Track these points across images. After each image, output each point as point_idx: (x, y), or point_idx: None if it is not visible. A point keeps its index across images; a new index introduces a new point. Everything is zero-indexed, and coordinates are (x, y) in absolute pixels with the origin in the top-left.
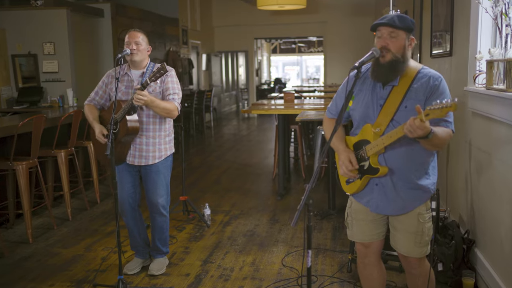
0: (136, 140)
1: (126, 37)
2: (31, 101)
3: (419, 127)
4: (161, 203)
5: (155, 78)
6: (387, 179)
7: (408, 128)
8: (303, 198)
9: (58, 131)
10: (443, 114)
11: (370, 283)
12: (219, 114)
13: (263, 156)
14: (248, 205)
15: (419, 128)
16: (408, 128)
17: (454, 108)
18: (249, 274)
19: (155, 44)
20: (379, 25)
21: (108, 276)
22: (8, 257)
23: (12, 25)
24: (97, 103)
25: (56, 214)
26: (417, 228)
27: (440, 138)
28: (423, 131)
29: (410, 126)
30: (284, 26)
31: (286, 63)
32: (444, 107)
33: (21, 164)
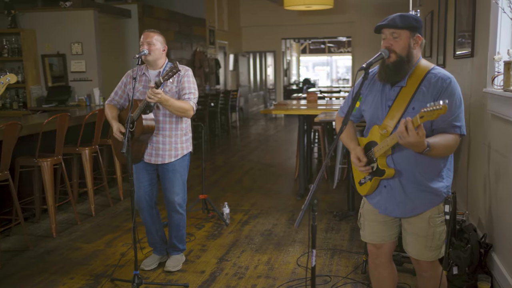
0: (153, 139)
1: (141, 38)
2: (60, 100)
3: (410, 130)
4: (178, 201)
5: (168, 77)
6: (396, 181)
7: (398, 133)
8: (308, 198)
9: (82, 129)
10: (435, 116)
11: (380, 283)
12: (246, 114)
13: (287, 157)
14: (268, 205)
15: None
16: (398, 133)
17: (444, 111)
18: (263, 273)
19: (182, 44)
20: (381, 26)
21: (125, 271)
22: (32, 250)
23: (42, 26)
24: (116, 103)
25: (80, 210)
26: (427, 232)
27: (442, 148)
28: (414, 139)
29: (399, 131)
30: (312, 26)
31: (316, 64)
32: (435, 110)
33: (46, 161)
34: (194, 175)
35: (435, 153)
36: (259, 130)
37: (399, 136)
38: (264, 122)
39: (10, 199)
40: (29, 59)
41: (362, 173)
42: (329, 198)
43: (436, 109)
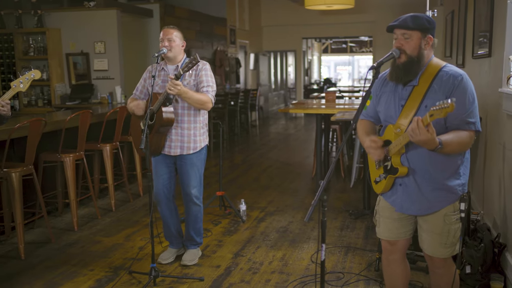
0: (172, 131)
1: (160, 34)
2: (83, 97)
3: (420, 128)
4: (194, 193)
5: (188, 69)
6: (410, 179)
7: (409, 132)
8: (317, 194)
9: (104, 126)
10: (443, 114)
11: (393, 280)
12: (266, 113)
13: (305, 156)
14: (284, 203)
15: (420, 129)
16: (409, 132)
17: (451, 109)
18: (278, 268)
19: (203, 44)
20: (393, 27)
21: (143, 264)
22: (55, 243)
23: (66, 25)
24: (138, 97)
25: (100, 205)
26: (442, 229)
27: (455, 145)
28: (424, 136)
29: (411, 129)
30: (333, 26)
31: (338, 63)
32: (443, 108)
33: (68, 157)
34: (212, 172)
35: (448, 150)
36: (278, 129)
37: (410, 134)
38: (284, 121)
39: (34, 193)
40: (54, 58)
41: (377, 170)
42: (346, 197)
43: (444, 107)
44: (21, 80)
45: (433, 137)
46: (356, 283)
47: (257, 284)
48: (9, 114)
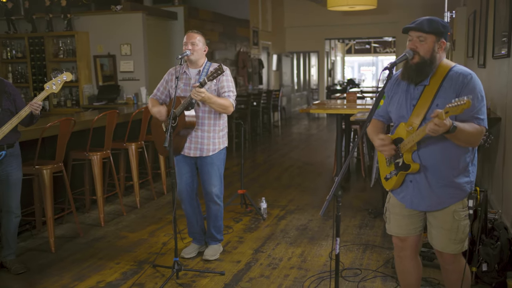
0: (193, 133)
1: (184, 38)
2: (109, 98)
3: (439, 124)
4: (215, 193)
5: (213, 78)
6: (421, 176)
7: (430, 130)
8: (332, 189)
9: (129, 126)
10: (459, 111)
11: (406, 276)
12: (289, 114)
13: (327, 155)
14: (304, 201)
15: (439, 125)
16: (430, 130)
17: (467, 105)
18: (296, 264)
19: (226, 45)
20: (409, 29)
21: (167, 259)
22: (83, 238)
23: (94, 28)
24: (158, 98)
25: (126, 202)
26: (452, 225)
27: (467, 132)
28: (444, 128)
29: (430, 128)
30: (355, 27)
31: (361, 64)
32: (459, 105)
33: (95, 155)
34: (234, 172)
35: (459, 136)
36: (300, 130)
37: (431, 131)
38: (307, 121)
39: (62, 189)
40: (82, 60)
41: (388, 167)
42: (366, 196)
43: (461, 104)
44: (54, 82)
45: (449, 123)
46: (373, 280)
47: (276, 279)
48: (39, 114)
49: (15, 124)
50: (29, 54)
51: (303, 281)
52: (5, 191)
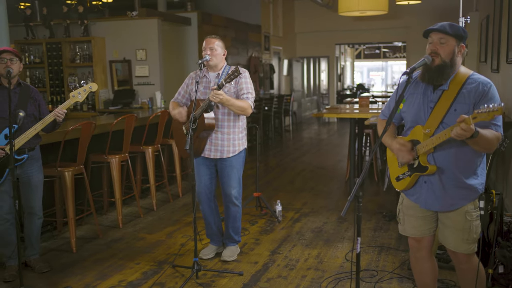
0: (212, 135)
1: (203, 43)
2: (125, 102)
3: (465, 129)
4: (234, 194)
5: (230, 80)
6: (436, 177)
7: (455, 134)
8: (353, 191)
9: (146, 129)
10: (490, 117)
11: (422, 276)
12: (300, 119)
13: (338, 160)
14: (318, 205)
15: (465, 130)
16: (456, 134)
17: (500, 112)
18: (313, 266)
19: (238, 50)
20: (431, 31)
21: (185, 259)
22: (102, 239)
23: (110, 34)
24: (179, 101)
25: (142, 204)
26: (464, 225)
27: (486, 138)
28: (469, 133)
29: (457, 133)
30: (366, 32)
31: (371, 69)
32: (491, 111)
33: (114, 158)
34: (248, 175)
35: (479, 142)
36: (311, 134)
37: (457, 136)
38: (317, 126)
39: (81, 191)
40: (98, 65)
41: (400, 168)
42: (379, 200)
43: (492, 110)
44: (79, 92)
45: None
46: (390, 281)
47: (294, 280)
48: (62, 121)
49: (39, 129)
50: (47, 59)
51: (320, 281)
52: (27, 193)
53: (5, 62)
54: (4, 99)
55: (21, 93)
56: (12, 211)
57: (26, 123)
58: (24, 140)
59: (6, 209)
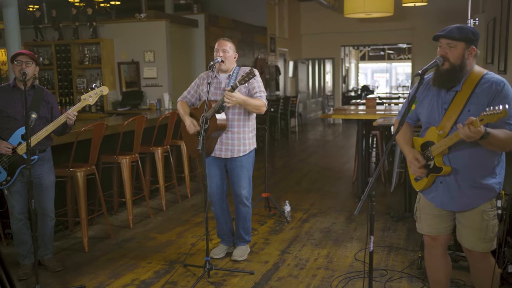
0: (223, 135)
1: (216, 45)
2: (133, 104)
3: (474, 132)
4: (244, 195)
5: (244, 82)
6: (451, 177)
7: (464, 135)
8: (367, 190)
9: (156, 130)
10: (495, 119)
11: (435, 273)
12: (305, 120)
13: (344, 161)
14: (326, 205)
15: (474, 133)
16: (464, 136)
17: (504, 114)
18: (323, 265)
19: (244, 52)
20: (439, 36)
21: (196, 258)
22: (113, 238)
23: (119, 36)
24: (188, 101)
25: (151, 205)
26: (481, 225)
27: (499, 138)
28: (478, 135)
29: (465, 135)
30: (371, 33)
31: (375, 70)
32: (495, 113)
33: (125, 158)
34: (255, 176)
35: (492, 142)
36: (317, 136)
37: (465, 137)
38: (322, 127)
39: (92, 192)
40: (107, 66)
41: (416, 174)
42: (387, 201)
43: (497, 112)
44: (91, 95)
45: (482, 130)
46: (399, 280)
47: (305, 279)
48: (73, 125)
49: (50, 131)
50: (56, 61)
51: (331, 280)
52: (39, 194)
53: (20, 65)
54: (18, 101)
55: (35, 95)
56: (24, 211)
57: (38, 125)
58: (35, 141)
59: (18, 209)
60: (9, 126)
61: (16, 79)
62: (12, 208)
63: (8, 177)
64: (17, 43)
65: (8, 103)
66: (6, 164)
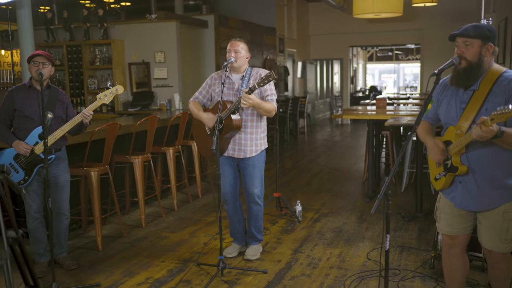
0: (236, 135)
1: (228, 45)
2: (143, 104)
3: (485, 131)
4: (257, 194)
5: (263, 84)
6: (470, 177)
7: (475, 135)
8: (383, 189)
9: (168, 130)
10: (504, 118)
11: (453, 273)
12: (313, 121)
13: (354, 162)
14: (337, 205)
15: (485, 132)
16: (475, 135)
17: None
18: (335, 264)
19: (253, 52)
20: (455, 35)
21: (209, 257)
22: (126, 237)
23: (130, 36)
24: (200, 101)
25: (163, 205)
26: (502, 225)
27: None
28: (490, 134)
29: (476, 134)
30: (380, 34)
31: (382, 71)
32: (504, 113)
33: (137, 158)
34: (266, 176)
35: (507, 141)
36: (325, 136)
37: (477, 137)
38: (330, 128)
39: (105, 191)
40: (118, 67)
41: (437, 168)
42: (397, 201)
43: (505, 112)
44: (106, 94)
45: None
46: (412, 279)
47: (318, 278)
48: (88, 124)
49: (67, 130)
50: (67, 62)
51: (343, 280)
52: (54, 193)
53: (37, 66)
54: (34, 101)
55: (50, 95)
56: (40, 210)
57: (54, 125)
58: (51, 141)
59: (35, 208)
60: (25, 126)
61: (32, 79)
62: (28, 207)
63: (25, 176)
64: (30, 44)
65: (24, 103)
66: (23, 164)
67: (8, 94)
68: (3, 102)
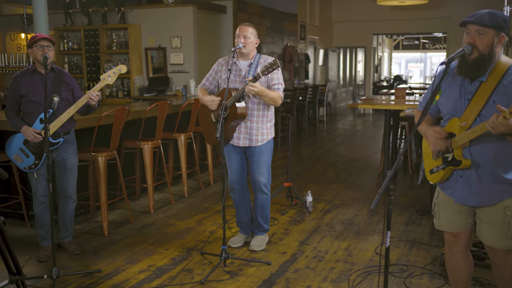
0: (242, 124)
1: (237, 30)
2: (159, 90)
3: (501, 123)
4: (263, 182)
5: (268, 72)
6: (472, 172)
7: (490, 124)
8: (384, 183)
9: (179, 117)
10: None
11: (456, 271)
12: (334, 109)
13: (373, 152)
14: (350, 197)
15: (501, 124)
16: (490, 125)
17: None
18: (342, 258)
19: (273, 39)
20: (467, 22)
21: (214, 247)
22: (133, 224)
23: (146, 21)
24: (207, 88)
25: (173, 191)
26: (503, 221)
27: None
28: (505, 127)
29: (493, 123)
30: (405, 22)
31: (409, 60)
32: None
33: (147, 144)
34: (279, 165)
35: None
36: (346, 125)
37: (492, 127)
38: (352, 117)
39: (114, 177)
40: (134, 52)
41: (434, 161)
42: (413, 194)
43: None
44: (109, 74)
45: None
46: (420, 276)
47: (322, 271)
48: (96, 105)
49: (73, 113)
50: (84, 46)
51: (348, 274)
52: (62, 176)
53: (42, 49)
54: (40, 85)
55: (55, 78)
56: (47, 194)
57: (61, 108)
58: (59, 124)
59: (41, 192)
60: (33, 110)
61: (36, 64)
62: (35, 191)
63: (36, 160)
64: (44, 27)
65: (30, 88)
66: (33, 148)
67: (14, 80)
68: (9, 88)
